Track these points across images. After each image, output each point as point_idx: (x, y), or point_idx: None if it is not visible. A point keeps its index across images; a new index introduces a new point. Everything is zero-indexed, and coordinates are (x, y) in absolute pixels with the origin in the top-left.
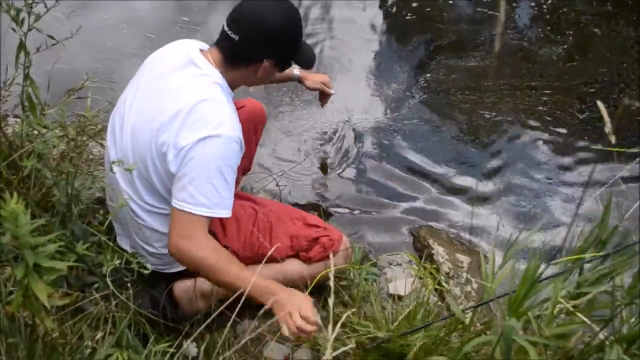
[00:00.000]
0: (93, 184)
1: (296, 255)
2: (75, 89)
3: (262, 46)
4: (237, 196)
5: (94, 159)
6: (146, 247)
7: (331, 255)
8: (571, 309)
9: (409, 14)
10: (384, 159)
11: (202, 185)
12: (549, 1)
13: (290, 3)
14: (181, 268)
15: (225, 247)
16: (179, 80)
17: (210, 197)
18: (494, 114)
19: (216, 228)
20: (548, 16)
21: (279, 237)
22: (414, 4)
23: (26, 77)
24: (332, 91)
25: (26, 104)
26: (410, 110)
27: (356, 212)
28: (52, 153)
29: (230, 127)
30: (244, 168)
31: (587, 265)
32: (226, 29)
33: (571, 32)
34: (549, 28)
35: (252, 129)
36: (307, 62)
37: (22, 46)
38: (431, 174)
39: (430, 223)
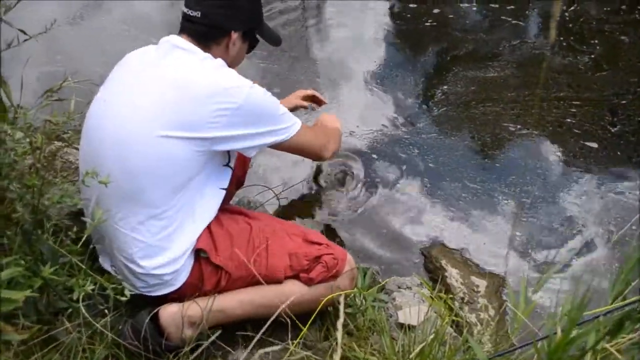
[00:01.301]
0: (62, 198)
1: (296, 276)
2: (53, 90)
3: (225, 16)
4: (229, 211)
5: (71, 167)
6: (131, 265)
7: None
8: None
9: (428, 21)
10: (399, 173)
11: (277, 117)
12: (571, 8)
13: None
14: (168, 290)
15: (217, 266)
16: (174, 65)
17: (289, 117)
18: (519, 126)
19: (207, 244)
20: (570, 25)
21: (276, 255)
22: (434, 10)
23: None
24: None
25: None
26: (428, 123)
27: (362, 229)
28: (22, 162)
29: (245, 80)
30: (238, 180)
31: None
32: (186, 10)
33: (596, 41)
34: (572, 38)
35: None
36: (274, 37)
37: None
38: (450, 190)
39: (443, 242)
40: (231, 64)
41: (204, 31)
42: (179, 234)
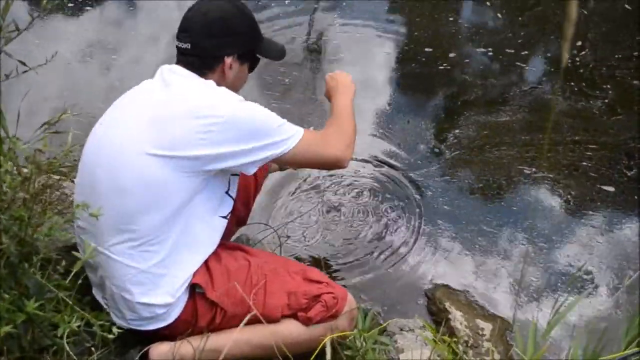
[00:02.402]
0: (51, 231)
1: (294, 315)
2: (51, 122)
3: (214, 43)
4: (228, 247)
5: (67, 200)
6: (123, 294)
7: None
8: None
9: (443, 65)
10: (411, 214)
11: (271, 130)
12: (582, 53)
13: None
14: (159, 325)
15: (212, 303)
16: (164, 86)
17: (287, 128)
18: (534, 169)
19: (203, 280)
20: (581, 70)
21: (274, 294)
22: (450, 54)
23: None
24: None
25: None
26: (441, 167)
27: (364, 267)
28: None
29: (235, 95)
30: (240, 218)
31: None
32: (177, 43)
33: (609, 86)
34: (583, 83)
35: (252, 177)
36: (276, 52)
37: None
38: (464, 233)
39: (447, 283)
40: (232, 87)
41: (196, 61)
42: (174, 261)
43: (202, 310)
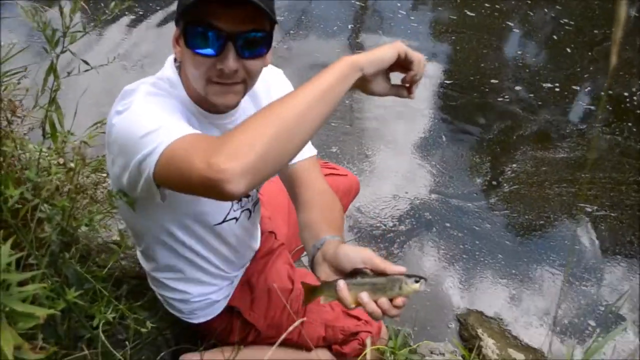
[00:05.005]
0: (90, 222)
1: (328, 345)
2: (102, 122)
3: None
4: (278, 260)
5: None
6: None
7: None
8: None
9: (505, 97)
10: (471, 244)
11: (139, 141)
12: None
13: None
14: (205, 319)
15: (250, 324)
16: None
17: (155, 137)
18: (596, 207)
19: (241, 299)
20: (638, 111)
21: (312, 324)
22: (516, 87)
23: (52, 101)
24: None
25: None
26: (500, 200)
27: None
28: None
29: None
30: None
31: None
32: None
33: None
34: None
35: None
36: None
37: (52, 68)
38: (522, 269)
39: (481, 310)
40: (189, 80)
41: None
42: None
43: (237, 327)
